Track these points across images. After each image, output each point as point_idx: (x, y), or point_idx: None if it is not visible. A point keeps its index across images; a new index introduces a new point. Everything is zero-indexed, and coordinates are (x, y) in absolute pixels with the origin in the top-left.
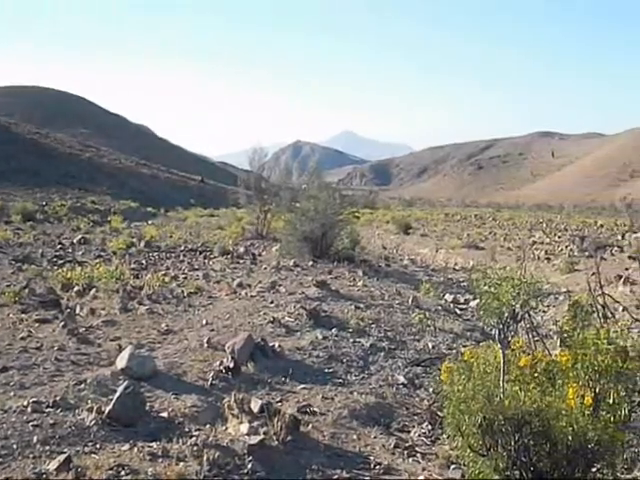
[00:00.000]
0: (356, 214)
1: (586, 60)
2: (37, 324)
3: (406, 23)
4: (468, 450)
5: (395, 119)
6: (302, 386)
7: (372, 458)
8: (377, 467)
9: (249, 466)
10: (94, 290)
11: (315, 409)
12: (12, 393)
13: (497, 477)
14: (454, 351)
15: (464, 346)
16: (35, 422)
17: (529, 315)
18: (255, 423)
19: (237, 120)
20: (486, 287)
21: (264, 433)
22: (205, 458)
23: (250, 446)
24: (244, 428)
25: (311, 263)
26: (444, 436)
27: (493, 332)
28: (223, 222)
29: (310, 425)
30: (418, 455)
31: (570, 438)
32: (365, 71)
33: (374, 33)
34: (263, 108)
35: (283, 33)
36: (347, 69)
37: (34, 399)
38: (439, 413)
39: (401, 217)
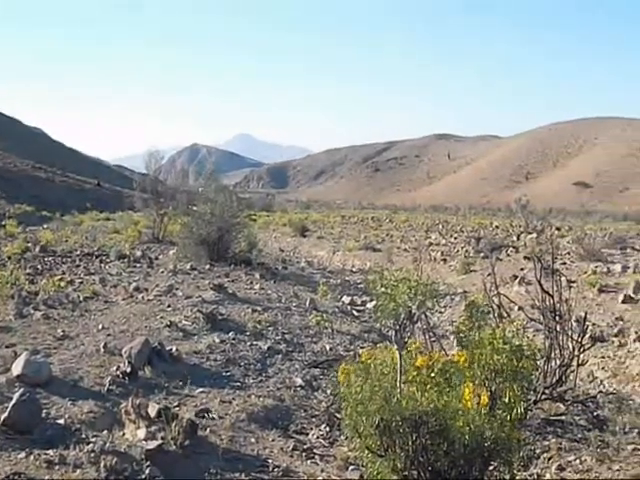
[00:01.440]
0: (253, 217)
1: (481, 62)
2: None
3: (301, 28)
4: (366, 451)
5: (293, 122)
6: (200, 390)
7: (270, 461)
8: (275, 470)
9: (147, 471)
10: None
11: (213, 413)
12: None
13: (395, 477)
14: (351, 353)
15: (361, 347)
16: None
17: (426, 316)
18: (153, 428)
19: (134, 123)
20: (383, 288)
21: (162, 438)
22: (102, 464)
23: (148, 451)
24: (141, 433)
25: (208, 266)
26: (342, 437)
27: (390, 333)
28: (119, 226)
29: (208, 429)
30: (316, 457)
31: (467, 437)
32: (263, 73)
33: (266, 37)
34: (160, 111)
35: (171, 32)
36: (245, 71)
37: None
38: (337, 415)
39: (298, 220)
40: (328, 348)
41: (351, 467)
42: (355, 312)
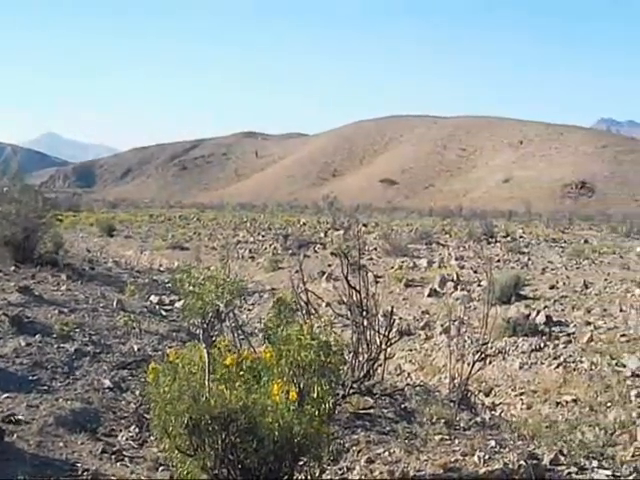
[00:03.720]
0: (59, 217)
1: (288, 60)
2: None
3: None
4: (176, 451)
5: (100, 121)
6: (5, 395)
7: (79, 464)
8: (85, 473)
9: None
10: None
11: (20, 418)
12: None
13: (205, 476)
14: (160, 352)
15: (170, 347)
16: None
17: (234, 314)
18: None
19: None
20: (190, 287)
21: None
22: None
23: None
24: None
25: (13, 268)
26: (152, 438)
27: (198, 332)
28: None
29: (15, 435)
30: (126, 459)
31: (276, 433)
32: (70, 72)
33: (71, 35)
34: None
35: None
36: (52, 68)
37: None
38: (146, 415)
39: (105, 219)
40: (136, 349)
41: (161, 468)
42: (163, 311)
